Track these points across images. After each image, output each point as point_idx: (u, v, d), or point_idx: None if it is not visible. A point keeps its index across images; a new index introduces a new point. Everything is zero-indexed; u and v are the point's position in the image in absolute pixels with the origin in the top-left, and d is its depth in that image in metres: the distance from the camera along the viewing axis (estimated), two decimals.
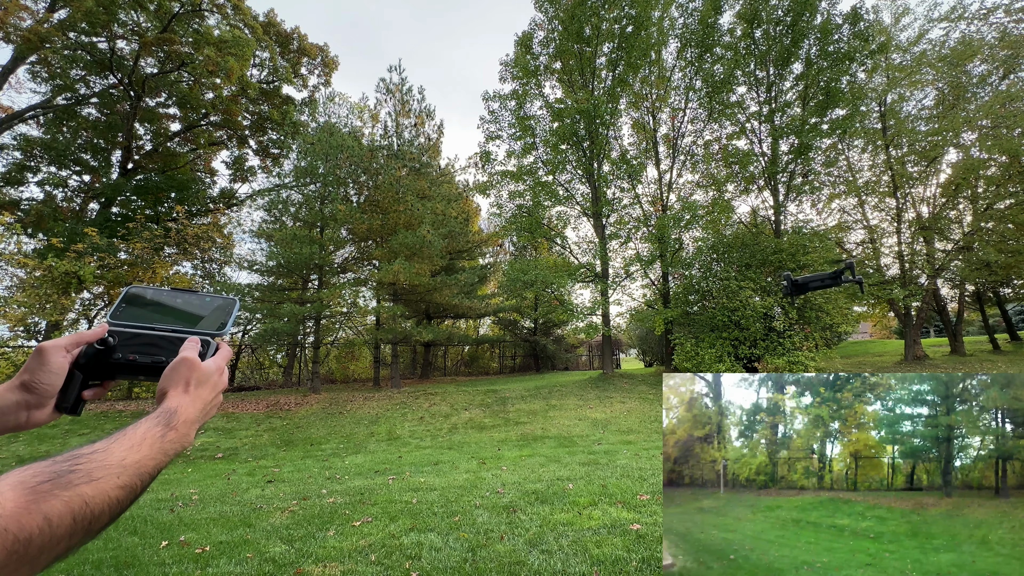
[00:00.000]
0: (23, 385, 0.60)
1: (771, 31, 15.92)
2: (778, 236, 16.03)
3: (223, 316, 0.76)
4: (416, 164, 17.01)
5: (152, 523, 4.21)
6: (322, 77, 25.17)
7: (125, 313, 0.71)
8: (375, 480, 5.81)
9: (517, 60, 17.59)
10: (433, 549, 3.18)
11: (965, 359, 17.19)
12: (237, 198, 23.14)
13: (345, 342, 21.23)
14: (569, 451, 7.63)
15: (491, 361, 27.78)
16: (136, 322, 0.70)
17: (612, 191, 17.99)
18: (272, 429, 10.97)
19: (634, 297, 20.27)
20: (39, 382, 0.60)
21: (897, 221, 18.41)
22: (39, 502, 0.39)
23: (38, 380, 0.60)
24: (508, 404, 12.80)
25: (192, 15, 19.22)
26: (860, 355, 21.72)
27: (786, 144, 16.27)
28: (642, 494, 4.29)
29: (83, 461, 0.44)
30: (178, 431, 0.56)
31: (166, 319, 0.73)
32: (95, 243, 13.60)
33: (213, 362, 0.67)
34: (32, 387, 0.60)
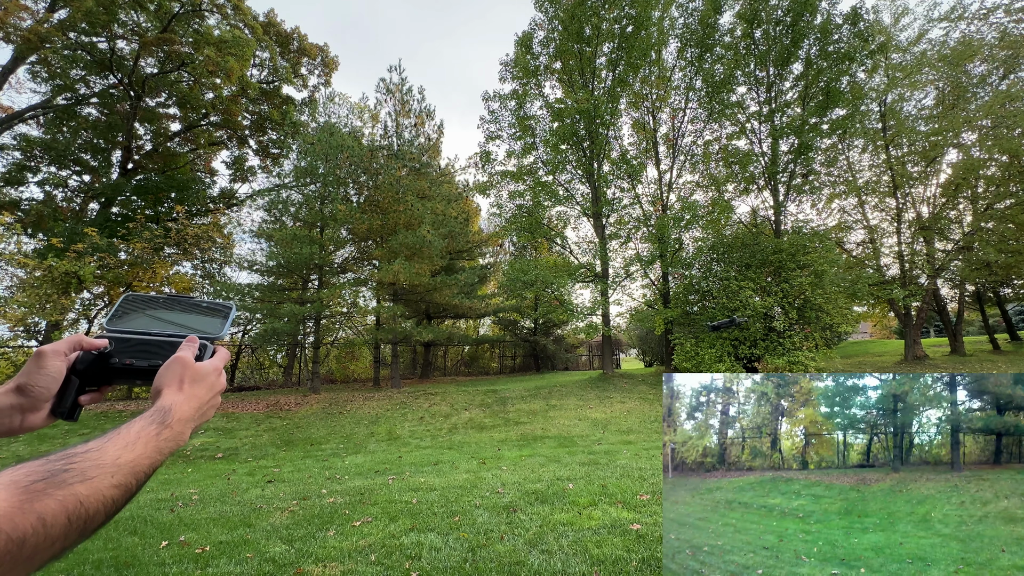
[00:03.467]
0: (19, 388, 0.59)
1: (771, 31, 15.91)
2: (778, 236, 16.02)
3: (220, 320, 0.77)
4: (416, 164, 17.00)
5: (152, 523, 4.20)
6: (322, 77, 25.18)
7: (122, 319, 0.71)
8: (375, 480, 5.80)
9: (517, 60, 17.58)
10: (433, 549, 3.17)
11: (965, 359, 17.18)
12: (237, 198, 23.13)
13: (345, 342, 21.22)
14: (569, 451, 7.62)
15: (491, 361, 27.77)
16: (133, 327, 0.70)
17: (612, 191, 17.99)
18: (272, 429, 10.96)
19: (634, 297, 20.28)
20: (35, 386, 0.59)
21: (897, 221, 18.41)
22: (33, 502, 0.39)
23: (34, 384, 0.59)
24: (508, 404, 12.79)
25: (192, 15, 19.21)
26: (860, 355, 21.71)
27: (786, 144, 16.26)
28: (642, 494, 4.28)
29: (77, 460, 0.44)
30: (173, 429, 0.55)
31: (163, 324, 0.73)
32: (95, 243, 13.59)
33: (210, 363, 0.67)
34: (28, 391, 0.59)
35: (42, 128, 19.43)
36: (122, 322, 0.70)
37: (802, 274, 13.66)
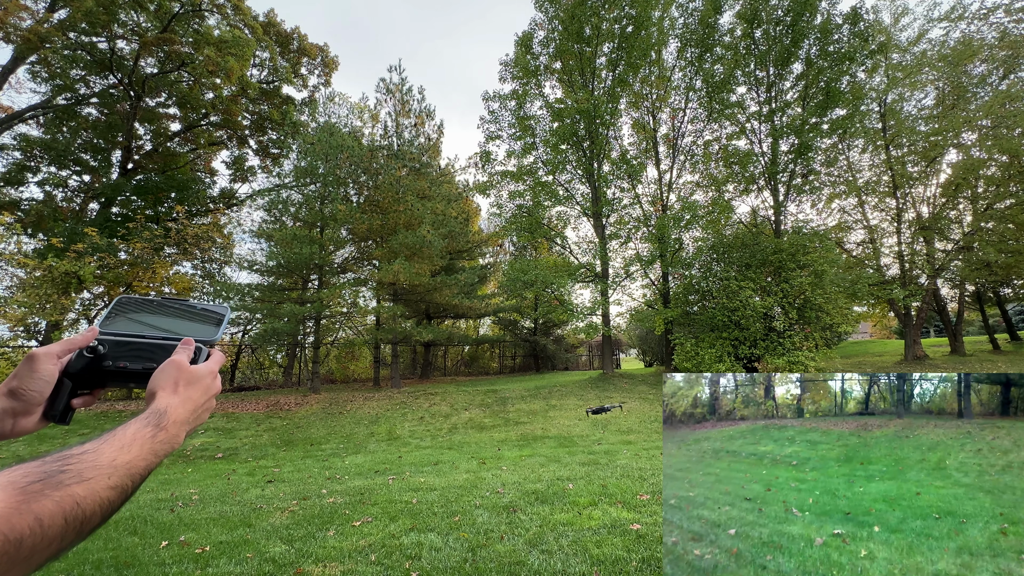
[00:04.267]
0: (10, 392, 0.58)
1: (771, 31, 15.92)
2: (778, 236, 16.02)
3: (214, 323, 0.77)
4: (416, 164, 17.00)
5: (152, 523, 4.20)
6: (322, 77, 25.18)
7: (116, 321, 0.71)
8: (375, 480, 5.80)
9: (517, 60, 17.58)
10: (433, 549, 3.17)
11: (965, 359, 17.18)
12: (237, 198, 23.13)
13: (345, 342, 21.22)
14: (569, 451, 7.62)
15: (491, 361, 27.77)
16: (126, 330, 0.70)
17: (612, 191, 17.99)
18: (272, 429, 10.96)
19: (634, 297, 20.29)
20: (27, 389, 0.59)
21: (897, 221, 18.40)
22: (30, 502, 0.39)
23: (26, 387, 0.59)
24: (508, 404, 12.79)
25: (192, 15, 19.21)
26: (860, 355, 21.71)
27: (786, 144, 16.26)
28: (642, 494, 4.28)
29: (73, 461, 0.44)
30: (168, 432, 0.55)
31: (157, 327, 0.72)
32: (95, 243, 13.59)
33: (204, 366, 0.67)
34: (20, 394, 0.58)
35: (42, 128, 19.43)
36: (115, 325, 0.70)
37: (802, 274, 13.66)
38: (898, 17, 18.95)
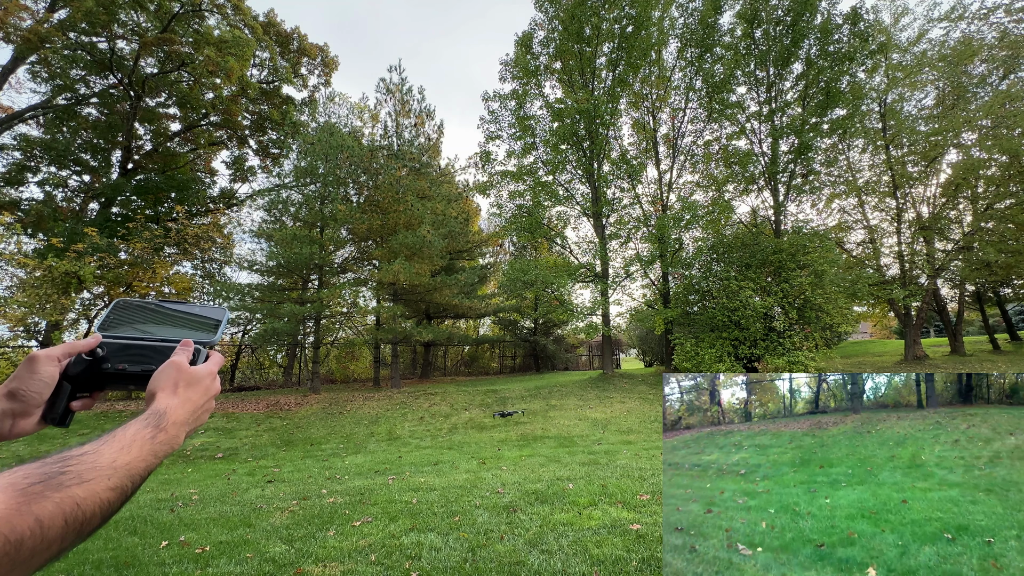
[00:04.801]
0: (10, 394, 0.59)
1: (771, 31, 15.92)
2: (778, 236, 16.02)
3: (213, 325, 0.77)
4: (416, 164, 17.00)
5: (152, 523, 4.20)
6: (322, 77, 25.17)
7: (114, 324, 0.71)
8: (375, 480, 5.80)
9: (517, 60, 17.58)
10: (433, 549, 3.17)
11: (965, 359, 17.18)
12: (237, 198, 23.13)
13: (345, 342, 21.22)
14: (569, 451, 7.62)
15: (491, 361, 27.77)
16: (125, 333, 0.70)
17: (612, 191, 17.99)
18: (272, 429, 10.96)
19: (634, 297, 20.28)
20: (27, 391, 0.59)
21: (897, 221, 18.40)
22: (30, 504, 0.39)
23: (26, 389, 0.59)
24: (508, 404, 12.79)
25: (192, 15, 19.21)
26: (860, 355, 21.70)
27: (786, 144, 16.26)
28: (642, 494, 4.28)
29: (73, 463, 0.44)
30: (167, 433, 0.55)
31: (156, 329, 0.73)
32: (95, 243, 13.59)
33: (204, 367, 0.67)
34: (19, 396, 0.59)
35: (42, 128, 19.42)
36: (114, 328, 0.70)
37: (802, 274, 13.66)
38: (898, 17, 18.94)
